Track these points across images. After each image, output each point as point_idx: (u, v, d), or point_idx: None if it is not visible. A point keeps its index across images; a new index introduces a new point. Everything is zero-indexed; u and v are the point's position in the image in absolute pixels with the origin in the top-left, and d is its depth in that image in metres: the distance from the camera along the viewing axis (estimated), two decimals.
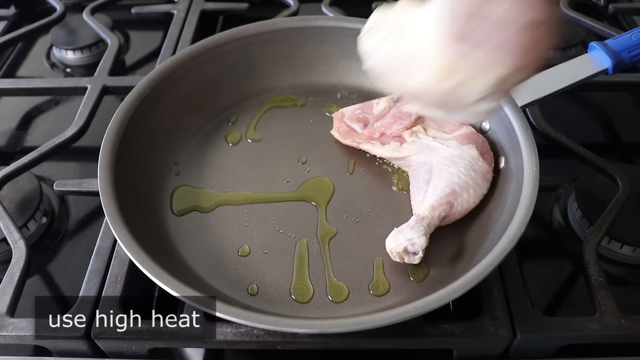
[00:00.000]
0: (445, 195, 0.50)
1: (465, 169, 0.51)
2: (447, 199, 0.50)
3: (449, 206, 0.50)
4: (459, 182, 0.51)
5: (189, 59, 0.60)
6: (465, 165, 0.52)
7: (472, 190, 0.51)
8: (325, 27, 0.64)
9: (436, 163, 0.53)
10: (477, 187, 0.51)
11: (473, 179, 0.51)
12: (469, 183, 0.51)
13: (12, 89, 0.71)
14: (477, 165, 0.52)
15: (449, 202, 0.50)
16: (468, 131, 0.55)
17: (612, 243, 0.54)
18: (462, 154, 0.52)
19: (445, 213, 0.50)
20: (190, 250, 0.51)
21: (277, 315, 0.45)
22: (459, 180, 0.51)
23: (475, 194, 0.51)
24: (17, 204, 0.57)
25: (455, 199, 0.50)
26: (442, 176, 0.51)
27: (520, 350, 0.45)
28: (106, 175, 0.48)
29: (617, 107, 0.74)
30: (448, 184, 0.51)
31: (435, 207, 0.50)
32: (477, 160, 0.52)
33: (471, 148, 0.53)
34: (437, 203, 0.50)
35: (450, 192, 0.50)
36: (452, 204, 0.50)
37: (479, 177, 0.51)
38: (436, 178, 0.52)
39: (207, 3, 0.85)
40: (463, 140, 0.54)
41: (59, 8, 0.85)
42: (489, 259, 0.41)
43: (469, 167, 0.51)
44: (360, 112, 0.60)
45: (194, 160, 0.59)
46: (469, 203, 0.51)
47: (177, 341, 0.45)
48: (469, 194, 0.51)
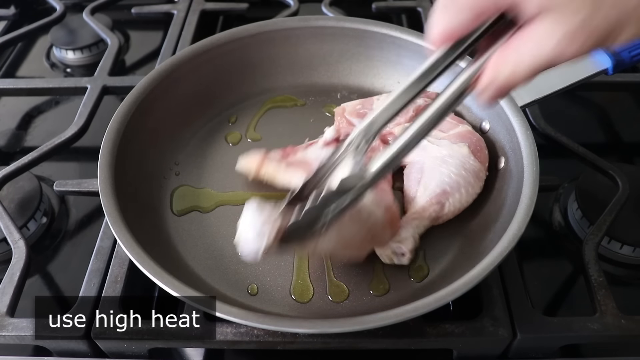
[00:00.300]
0: (435, 195, 0.50)
1: (456, 169, 0.51)
2: (437, 199, 0.50)
3: (439, 206, 0.50)
4: (449, 182, 0.51)
5: (189, 59, 0.60)
6: (455, 164, 0.51)
7: (464, 190, 0.51)
8: (325, 27, 0.64)
9: (428, 163, 0.53)
10: (468, 186, 0.51)
11: (464, 178, 0.51)
12: (460, 183, 0.51)
13: (12, 89, 0.71)
14: (468, 164, 0.52)
15: (439, 202, 0.50)
16: (464, 130, 0.55)
17: (612, 243, 0.54)
18: (453, 153, 0.52)
19: (436, 214, 0.50)
20: (190, 250, 0.51)
21: (277, 315, 0.45)
22: (449, 180, 0.51)
23: (467, 194, 0.51)
24: (17, 204, 0.57)
25: (447, 199, 0.50)
26: (432, 176, 0.51)
27: (520, 350, 0.45)
28: (106, 175, 0.48)
29: (617, 107, 0.74)
30: (438, 184, 0.51)
31: (425, 207, 0.50)
32: (469, 159, 0.52)
33: (462, 147, 0.53)
34: (427, 203, 0.50)
35: (440, 192, 0.50)
36: (443, 204, 0.50)
37: (471, 176, 0.51)
38: (427, 178, 0.52)
39: (207, 3, 0.85)
40: (457, 139, 0.54)
41: (59, 8, 0.85)
42: (489, 259, 0.42)
43: (459, 167, 0.51)
44: (360, 107, 0.60)
45: (194, 160, 0.59)
46: (462, 203, 0.51)
47: (177, 341, 0.45)
48: (461, 193, 0.51)
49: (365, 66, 0.66)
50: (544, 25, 0.29)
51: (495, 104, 0.52)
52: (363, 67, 0.66)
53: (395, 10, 0.89)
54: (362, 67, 0.66)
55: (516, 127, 0.51)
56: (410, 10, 0.85)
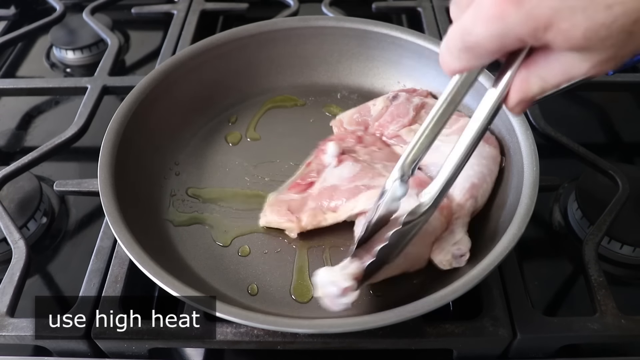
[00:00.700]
0: (467, 190, 0.49)
1: (476, 159, 0.51)
2: (470, 194, 0.49)
3: (474, 200, 0.49)
4: (474, 175, 0.50)
5: (189, 59, 0.60)
6: (474, 155, 0.51)
7: (489, 178, 0.51)
8: (325, 27, 0.64)
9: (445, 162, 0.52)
10: (491, 173, 0.51)
11: (486, 167, 0.51)
12: (484, 172, 0.50)
13: (12, 89, 0.71)
14: (485, 152, 0.51)
15: (473, 196, 0.49)
16: (466, 122, 0.55)
17: (612, 243, 0.54)
18: None
19: (474, 207, 0.50)
20: (190, 250, 0.51)
21: (277, 315, 0.45)
22: (474, 173, 0.50)
23: (491, 181, 0.51)
24: (17, 204, 0.57)
25: (478, 191, 0.50)
26: None
27: (520, 350, 0.45)
28: (106, 175, 0.48)
29: (617, 107, 0.74)
30: (465, 178, 0.50)
31: (462, 204, 0.49)
32: (484, 147, 0.52)
33: None
34: (463, 200, 0.49)
35: (470, 186, 0.50)
36: (476, 196, 0.50)
37: (490, 162, 0.51)
38: None
39: (207, 3, 0.85)
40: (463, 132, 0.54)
41: (59, 8, 0.85)
42: (489, 259, 0.41)
43: (478, 157, 0.51)
44: (358, 115, 0.59)
45: (194, 160, 0.59)
46: (488, 191, 0.51)
47: (177, 341, 0.45)
48: (487, 182, 0.50)
49: (365, 66, 0.66)
50: (573, 55, 0.28)
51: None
52: (363, 67, 0.66)
53: (395, 10, 0.89)
54: (362, 67, 0.66)
55: (516, 127, 0.51)
56: (410, 10, 0.85)
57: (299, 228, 0.50)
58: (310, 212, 0.50)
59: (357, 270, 0.41)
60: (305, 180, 0.53)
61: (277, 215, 0.51)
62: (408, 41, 0.61)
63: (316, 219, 0.50)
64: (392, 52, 0.63)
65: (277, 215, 0.51)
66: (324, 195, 0.50)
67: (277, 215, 0.51)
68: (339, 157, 0.52)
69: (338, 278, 0.40)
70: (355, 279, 0.40)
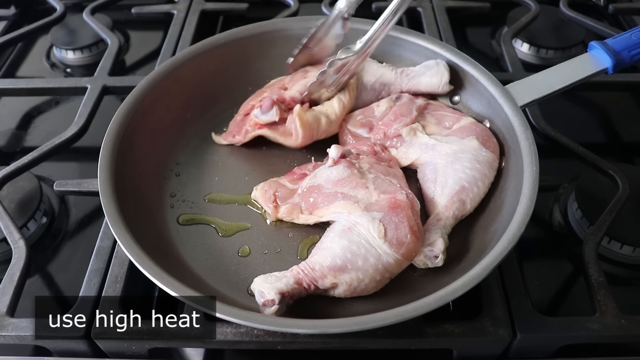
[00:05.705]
0: (455, 193, 0.50)
1: (469, 163, 0.51)
2: (458, 197, 0.50)
3: (461, 204, 0.50)
4: (466, 178, 0.50)
5: (189, 59, 0.60)
6: (469, 159, 0.51)
7: (481, 183, 0.51)
8: None
9: (440, 161, 0.52)
10: (485, 178, 0.51)
11: (479, 171, 0.51)
12: (477, 176, 0.51)
13: (12, 89, 0.71)
14: (481, 157, 0.51)
15: (460, 200, 0.50)
16: (467, 122, 0.55)
17: (612, 243, 0.54)
18: (464, 148, 0.52)
19: (460, 211, 0.50)
20: (190, 250, 0.51)
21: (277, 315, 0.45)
22: (465, 176, 0.50)
23: (484, 185, 0.51)
24: (17, 204, 0.57)
25: (467, 195, 0.50)
26: (447, 174, 0.51)
27: (520, 350, 0.45)
28: (106, 175, 0.48)
29: (617, 107, 0.74)
30: (456, 181, 0.50)
31: (447, 206, 0.50)
32: (480, 151, 0.52)
33: (471, 140, 0.52)
34: (449, 202, 0.50)
35: (459, 189, 0.50)
36: (464, 201, 0.50)
37: (485, 167, 0.51)
38: (442, 177, 0.51)
39: (207, 3, 0.85)
40: (463, 133, 0.54)
41: (59, 8, 0.85)
42: (489, 259, 0.42)
43: (473, 160, 0.51)
44: (362, 117, 0.59)
45: (194, 160, 0.59)
46: (480, 195, 0.51)
47: (177, 341, 0.45)
48: (478, 187, 0.50)
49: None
50: None
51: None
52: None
53: None
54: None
55: (516, 127, 0.51)
56: (410, 10, 0.85)
57: (274, 216, 0.53)
58: (290, 207, 0.52)
59: (285, 287, 0.43)
60: (302, 170, 0.55)
61: (263, 197, 0.54)
62: (408, 41, 0.61)
63: (291, 214, 0.52)
64: (392, 52, 0.63)
65: (263, 196, 0.54)
66: (308, 193, 0.51)
67: (262, 197, 0.54)
68: (338, 160, 0.52)
69: (265, 289, 0.43)
70: (280, 294, 0.42)
